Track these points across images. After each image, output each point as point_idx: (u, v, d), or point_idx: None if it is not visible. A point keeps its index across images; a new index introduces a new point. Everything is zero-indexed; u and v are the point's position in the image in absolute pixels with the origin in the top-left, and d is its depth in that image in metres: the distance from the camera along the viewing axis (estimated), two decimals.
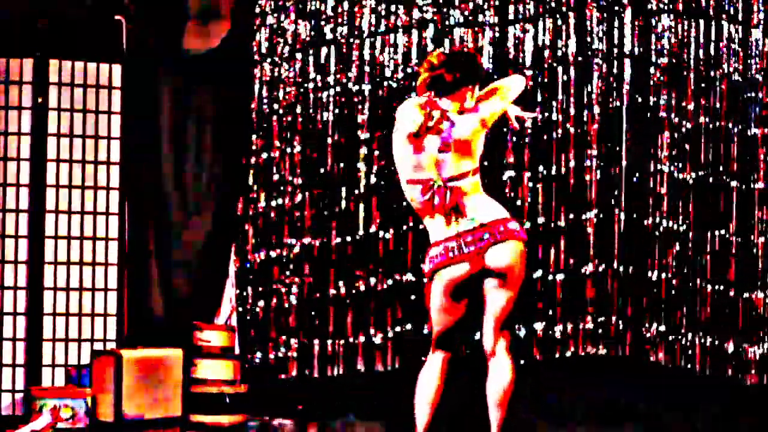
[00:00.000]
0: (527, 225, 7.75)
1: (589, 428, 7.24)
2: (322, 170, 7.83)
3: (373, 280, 7.80)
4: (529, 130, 7.77)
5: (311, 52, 7.85)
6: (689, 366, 7.77)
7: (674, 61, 7.80)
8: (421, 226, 7.70)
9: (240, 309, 7.83)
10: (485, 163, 7.61)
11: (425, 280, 5.30)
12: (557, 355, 7.75)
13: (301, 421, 7.52)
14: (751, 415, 7.40)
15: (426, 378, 5.34)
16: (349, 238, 7.82)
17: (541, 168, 7.79)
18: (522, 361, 7.74)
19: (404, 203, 7.66)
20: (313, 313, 7.83)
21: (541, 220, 7.77)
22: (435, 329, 5.30)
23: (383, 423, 7.25)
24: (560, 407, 7.47)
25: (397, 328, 7.77)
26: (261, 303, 7.86)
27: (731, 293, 7.77)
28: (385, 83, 7.81)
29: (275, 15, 7.86)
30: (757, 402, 7.60)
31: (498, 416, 5.25)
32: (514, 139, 7.76)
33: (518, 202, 7.74)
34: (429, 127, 5.16)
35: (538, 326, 7.75)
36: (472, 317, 5.33)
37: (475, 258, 5.16)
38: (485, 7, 7.77)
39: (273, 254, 7.87)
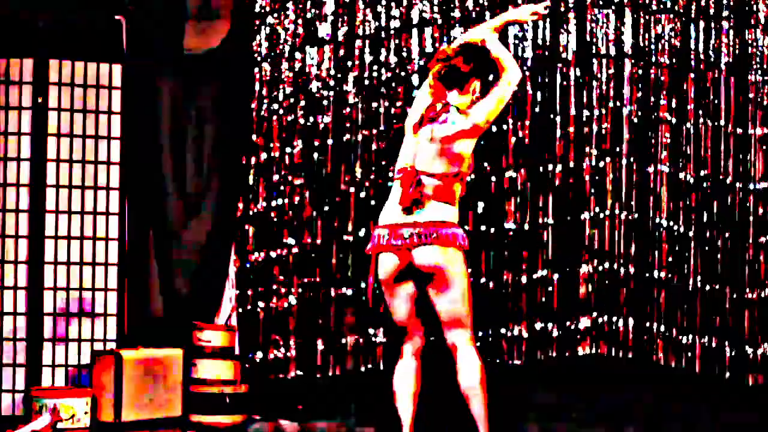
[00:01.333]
0: (528, 226, 7.75)
1: (590, 428, 7.24)
2: (322, 170, 7.84)
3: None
4: (529, 131, 7.78)
5: (311, 52, 7.86)
6: (689, 366, 7.77)
7: (674, 61, 7.80)
8: None
9: (240, 309, 7.83)
10: (485, 164, 7.68)
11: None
12: (556, 356, 7.75)
13: (301, 421, 7.52)
14: (751, 415, 7.40)
15: (401, 372, 5.40)
16: (349, 239, 7.82)
17: (541, 168, 7.79)
18: (520, 362, 7.75)
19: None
20: (313, 313, 7.83)
21: (541, 220, 7.77)
22: (395, 319, 5.38)
23: (383, 423, 7.25)
24: (559, 407, 7.47)
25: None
26: (261, 303, 7.86)
27: (731, 293, 7.77)
28: (385, 85, 7.82)
29: (275, 15, 7.86)
30: (757, 402, 7.60)
31: (481, 414, 5.27)
32: (514, 139, 7.76)
33: (518, 202, 7.75)
34: (431, 117, 5.22)
35: (537, 326, 7.75)
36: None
37: (403, 252, 5.24)
38: (485, 7, 7.77)
39: (273, 254, 7.87)
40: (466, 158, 5.25)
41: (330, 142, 7.83)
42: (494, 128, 7.59)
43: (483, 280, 7.71)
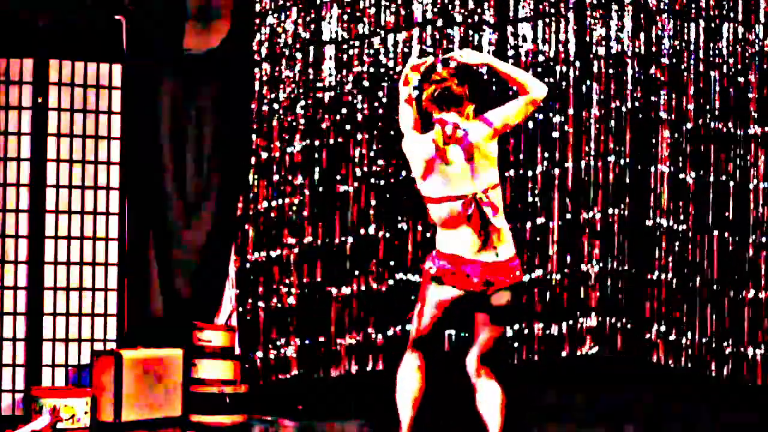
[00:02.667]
0: (528, 224, 7.76)
1: (590, 428, 7.25)
2: (322, 170, 7.84)
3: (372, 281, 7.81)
4: (530, 131, 7.78)
5: (311, 52, 7.86)
6: (689, 366, 7.77)
7: (674, 61, 7.81)
8: (420, 226, 7.75)
9: (240, 309, 7.83)
10: None
11: (421, 279, 5.35)
12: (557, 355, 7.76)
13: (301, 421, 7.52)
14: (751, 415, 7.40)
15: (404, 377, 5.42)
16: (349, 239, 7.82)
17: (540, 168, 7.79)
18: (520, 362, 7.75)
19: (404, 203, 7.72)
20: (313, 313, 7.84)
21: (540, 220, 7.78)
22: (413, 331, 5.39)
23: (383, 423, 7.25)
24: (560, 407, 7.48)
25: (398, 328, 7.77)
26: (261, 303, 7.86)
27: (731, 293, 7.77)
28: (385, 84, 7.82)
29: (275, 15, 7.86)
30: (757, 402, 7.60)
31: (497, 426, 5.33)
32: (513, 140, 7.76)
33: (518, 202, 7.75)
34: (449, 137, 5.21)
35: (538, 326, 7.75)
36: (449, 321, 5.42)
37: (473, 292, 5.26)
38: (485, 6, 7.78)
39: (273, 254, 7.87)
40: (496, 157, 5.29)
41: (330, 142, 7.84)
42: None
43: None
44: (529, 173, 7.79)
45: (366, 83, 7.82)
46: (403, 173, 7.70)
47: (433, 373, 5.50)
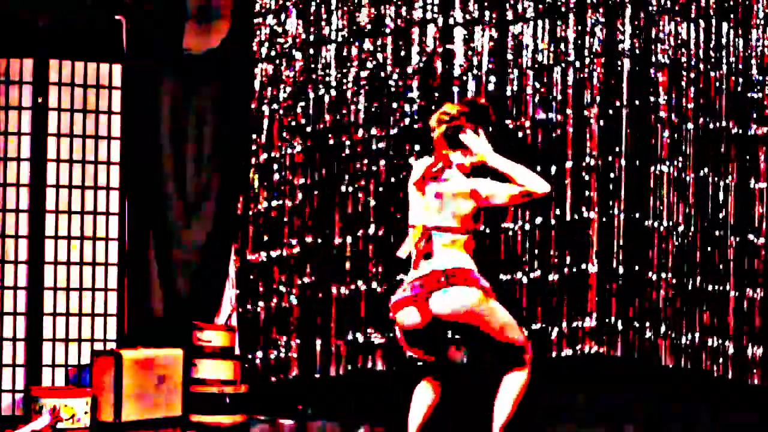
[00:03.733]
0: (527, 226, 7.75)
1: (590, 428, 7.25)
2: (322, 170, 7.84)
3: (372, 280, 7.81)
4: (529, 131, 7.78)
5: (311, 51, 7.86)
6: (689, 366, 7.77)
7: (674, 61, 7.81)
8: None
9: (240, 309, 7.83)
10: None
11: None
12: (556, 355, 7.75)
13: (301, 421, 7.52)
14: (751, 415, 7.40)
15: (418, 396, 5.41)
16: (349, 239, 7.82)
17: (539, 168, 7.79)
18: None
19: (403, 203, 7.72)
20: (313, 313, 7.84)
21: (539, 220, 7.78)
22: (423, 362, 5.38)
23: (382, 423, 7.25)
24: (560, 407, 7.47)
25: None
26: (261, 303, 7.86)
27: (731, 293, 7.77)
28: (385, 84, 7.83)
29: (275, 15, 7.86)
30: (757, 402, 7.60)
31: (501, 419, 5.32)
32: (512, 142, 7.77)
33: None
34: (432, 173, 5.21)
35: (537, 326, 7.75)
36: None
37: (422, 303, 5.19)
38: (485, 6, 7.78)
39: (273, 254, 7.87)
40: (470, 216, 5.21)
41: (330, 142, 7.84)
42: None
43: None
44: None
45: (365, 83, 7.82)
46: (403, 173, 7.71)
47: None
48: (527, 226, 7.77)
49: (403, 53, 7.81)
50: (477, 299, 5.12)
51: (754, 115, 7.79)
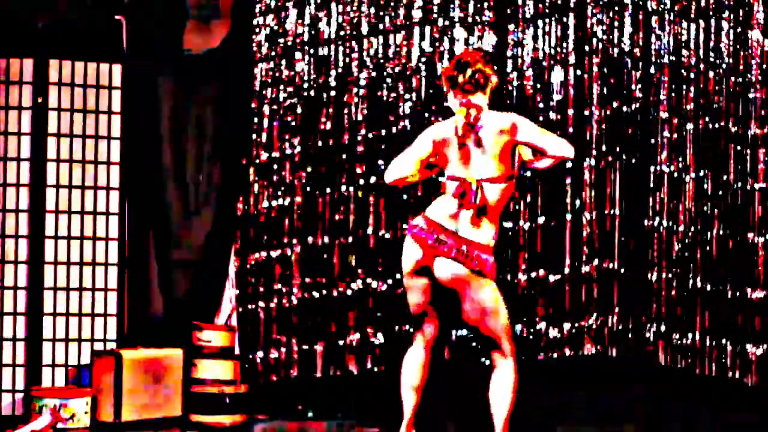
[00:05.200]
0: (527, 225, 7.75)
1: (590, 428, 7.24)
2: (322, 170, 7.85)
3: (373, 280, 7.81)
4: None
5: (311, 51, 7.86)
6: (689, 366, 7.77)
7: (674, 61, 7.80)
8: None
9: (240, 309, 7.83)
10: None
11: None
12: (556, 356, 7.75)
13: (301, 421, 7.52)
14: (751, 415, 7.40)
15: (409, 361, 5.47)
16: (349, 239, 7.82)
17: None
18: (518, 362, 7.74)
19: (403, 204, 7.71)
20: (313, 313, 7.83)
21: (541, 219, 7.78)
22: (411, 307, 5.51)
23: (383, 423, 7.25)
24: (560, 407, 7.47)
25: (397, 328, 7.77)
26: (261, 303, 7.86)
27: (731, 293, 7.77)
28: (385, 83, 7.82)
29: (275, 15, 7.86)
30: (757, 402, 7.60)
31: (502, 415, 5.33)
32: None
33: (517, 202, 7.75)
34: (470, 123, 5.29)
35: (538, 326, 7.75)
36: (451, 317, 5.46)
37: (427, 252, 5.35)
38: (485, 6, 7.78)
39: (273, 254, 7.87)
40: (510, 158, 5.34)
41: (330, 141, 7.84)
42: None
43: None
44: (528, 173, 7.78)
45: (366, 83, 7.82)
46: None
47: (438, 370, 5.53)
48: (527, 226, 7.76)
49: (403, 53, 7.81)
50: (480, 282, 5.33)
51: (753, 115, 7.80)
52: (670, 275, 7.78)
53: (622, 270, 7.75)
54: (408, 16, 7.81)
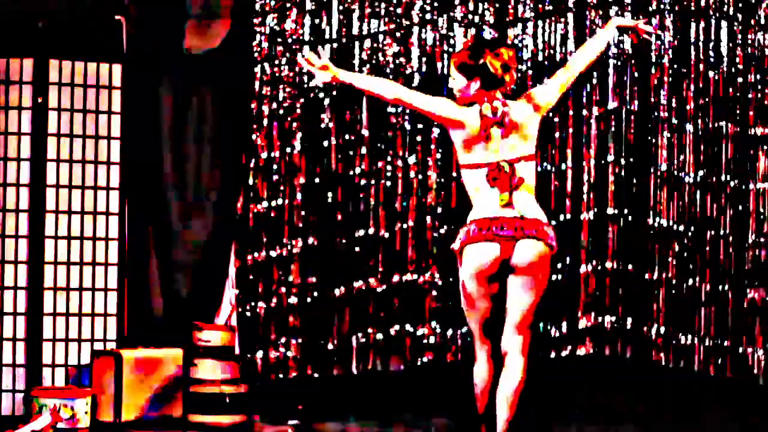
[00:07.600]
0: None
1: (590, 428, 7.25)
2: (322, 170, 7.84)
3: (372, 280, 7.81)
4: None
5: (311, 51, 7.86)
6: (689, 366, 7.77)
7: (674, 60, 7.81)
8: (420, 227, 7.75)
9: (240, 309, 7.83)
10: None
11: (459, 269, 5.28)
12: (556, 356, 7.76)
13: (301, 421, 7.52)
14: (751, 415, 7.41)
15: (477, 372, 5.39)
16: (349, 239, 7.82)
17: (539, 168, 7.79)
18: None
19: (403, 204, 7.72)
20: (313, 313, 7.84)
21: None
22: (473, 320, 5.31)
23: (382, 423, 7.25)
24: (560, 407, 7.48)
25: (396, 328, 7.78)
26: (261, 303, 7.86)
27: (731, 293, 7.77)
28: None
29: (275, 15, 7.86)
30: (757, 402, 7.60)
31: (506, 416, 5.31)
32: None
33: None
34: (495, 113, 5.24)
35: (538, 326, 7.75)
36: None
37: (505, 244, 5.19)
38: (485, 6, 7.78)
39: (273, 254, 7.87)
40: (538, 131, 5.33)
41: (330, 141, 7.84)
42: None
43: None
44: None
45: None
46: (402, 173, 7.71)
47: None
48: None
49: (402, 53, 7.82)
50: (548, 261, 5.25)
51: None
52: (670, 275, 7.78)
53: (623, 270, 7.76)
54: (408, 16, 7.81)
